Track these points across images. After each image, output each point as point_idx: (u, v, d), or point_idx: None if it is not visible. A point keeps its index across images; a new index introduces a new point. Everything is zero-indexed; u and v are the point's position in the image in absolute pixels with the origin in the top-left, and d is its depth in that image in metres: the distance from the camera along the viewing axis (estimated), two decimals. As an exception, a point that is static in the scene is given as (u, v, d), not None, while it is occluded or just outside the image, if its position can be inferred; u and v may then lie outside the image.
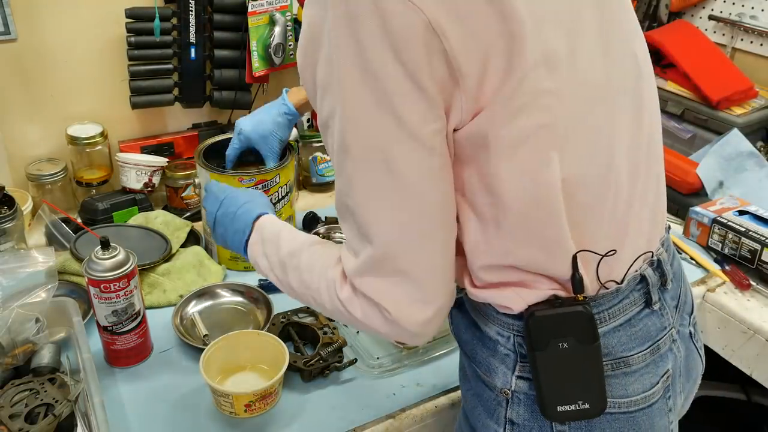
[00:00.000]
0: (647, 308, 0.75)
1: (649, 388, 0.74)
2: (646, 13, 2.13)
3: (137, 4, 1.44)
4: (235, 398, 0.96)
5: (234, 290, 1.26)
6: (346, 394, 1.05)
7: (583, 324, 0.69)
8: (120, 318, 1.03)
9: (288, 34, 1.58)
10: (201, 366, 0.98)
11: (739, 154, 1.58)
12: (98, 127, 1.49)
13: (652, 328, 0.75)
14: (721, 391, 1.59)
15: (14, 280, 1.01)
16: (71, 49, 1.45)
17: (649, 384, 0.74)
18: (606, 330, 0.72)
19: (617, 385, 0.73)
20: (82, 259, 1.04)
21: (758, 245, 1.30)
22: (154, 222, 1.38)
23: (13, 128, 1.46)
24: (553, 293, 0.70)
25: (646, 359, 0.74)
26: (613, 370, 0.73)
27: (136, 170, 1.48)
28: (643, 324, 0.74)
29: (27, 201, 1.41)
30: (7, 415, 0.85)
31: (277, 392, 1.01)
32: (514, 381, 0.74)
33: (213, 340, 1.05)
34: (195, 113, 1.65)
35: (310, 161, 1.68)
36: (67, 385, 0.91)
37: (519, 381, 0.74)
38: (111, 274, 0.99)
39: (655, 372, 0.75)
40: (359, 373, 1.08)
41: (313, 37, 0.64)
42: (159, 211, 1.44)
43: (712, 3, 2.00)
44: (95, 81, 1.51)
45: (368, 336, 1.15)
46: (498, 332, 0.75)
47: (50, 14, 1.40)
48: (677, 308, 0.81)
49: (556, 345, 0.69)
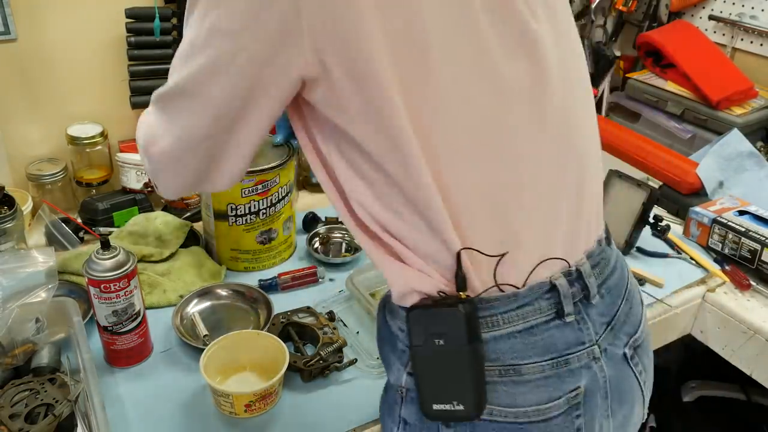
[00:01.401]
0: (557, 319, 0.71)
1: (545, 402, 0.70)
2: (646, 13, 2.13)
3: (137, 4, 1.44)
4: (235, 398, 0.96)
5: (234, 290, 1.26)
6: (346, 394, 1.05)
7: (459, 324, 0.66)
8: (120, 318, 1.03)
9: (288, 34, 1.58)
10: (201, 366, 0.98)
11: (739, 154, 1.58)
12: (98, 127, 1.49)
13: (560, 340, 0.71)
14: (721, 391, 1.59)
15: (14, 280, 1.01)
16: (71, 49, 1.45)
17: (546, 398, 0.70)
18: (498, 335, 0.69)
19: (504, 393, 0.70)
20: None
21: (758, 245, 1.30)
22: (154, 222, 1.38)
23: (13, 128, 1.46)
24: (441, 289, 0.69)
25: (544, 371, 0.70)
26: (500, 377, 0.70)
27: (136, 170, 1.48)
28: (548, 334, 0.71)
29: (27, 201, 1.41)
30: (7, 415, 0.85)
31: (277, 392, 1.01)
32: (405, 377, 0.73)
33: (213, 340, 1.05)
34: (195, 113, 1.65)
35: (310, 161, 1.68)
36: (67, 385, 0.91)
37: (408, 378, 0.73)
38: (111, 274, 0.99)
39: (557, 386, 0.71)
40: (359, 373, 1.09)
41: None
42: (159, 212, 1.44)
43: (712, 3, 2.00)
44: (95, 81, 1.51)
45: (368, 336, 1.15)
46: (399, 327, 0.74)
47: (50, 14, 1.40)
48: (608, 326, 0.76)
49: (432, 341, 0.67)
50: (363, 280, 1.27)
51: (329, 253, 1.44)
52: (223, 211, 1.28)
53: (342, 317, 1.21)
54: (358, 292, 1.22)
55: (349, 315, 1.23)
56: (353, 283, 1.24)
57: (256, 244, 1.33)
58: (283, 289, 1.28)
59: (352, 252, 1.43)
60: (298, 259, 1.41)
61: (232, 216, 1.28)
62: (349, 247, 1.45)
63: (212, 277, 1.29)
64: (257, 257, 1.34)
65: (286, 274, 1.30)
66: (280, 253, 1.38)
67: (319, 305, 1.23)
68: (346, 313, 1.23)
